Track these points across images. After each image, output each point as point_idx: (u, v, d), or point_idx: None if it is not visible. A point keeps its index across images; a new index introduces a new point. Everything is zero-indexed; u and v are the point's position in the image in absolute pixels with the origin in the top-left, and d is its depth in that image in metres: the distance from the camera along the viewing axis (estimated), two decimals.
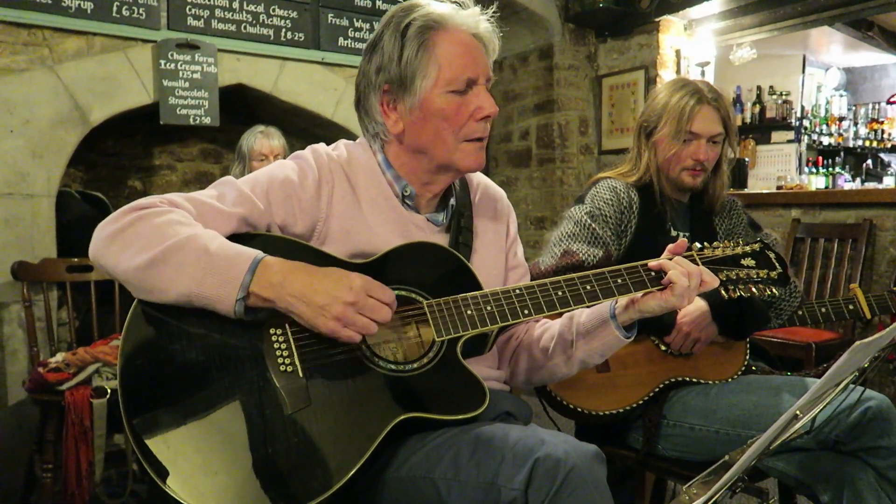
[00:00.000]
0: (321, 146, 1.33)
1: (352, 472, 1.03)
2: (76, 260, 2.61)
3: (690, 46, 4.35)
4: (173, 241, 1.08)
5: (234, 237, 1.18)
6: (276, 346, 1.11)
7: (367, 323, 1.08)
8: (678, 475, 1.64)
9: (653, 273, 1.24)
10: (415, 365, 1.15)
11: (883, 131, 7.10)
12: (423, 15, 1.22)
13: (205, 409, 1.05)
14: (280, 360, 1.10)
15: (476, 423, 1.13)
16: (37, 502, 2.27)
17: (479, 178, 1.46)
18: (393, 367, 1.14)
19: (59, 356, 2.30)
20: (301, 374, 1.10)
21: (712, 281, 1.24)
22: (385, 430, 1.07)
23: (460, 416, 1.12)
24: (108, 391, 2.17)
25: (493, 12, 1.29)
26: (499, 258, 1.42)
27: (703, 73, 4.32)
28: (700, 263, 1.28)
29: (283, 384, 1.09)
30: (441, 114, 1.23)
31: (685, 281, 1.20)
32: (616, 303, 1.28)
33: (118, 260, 1.10)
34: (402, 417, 1.09)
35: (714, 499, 0.92)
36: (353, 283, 1.08)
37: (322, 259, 1.20)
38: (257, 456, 1.03)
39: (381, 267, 1.21)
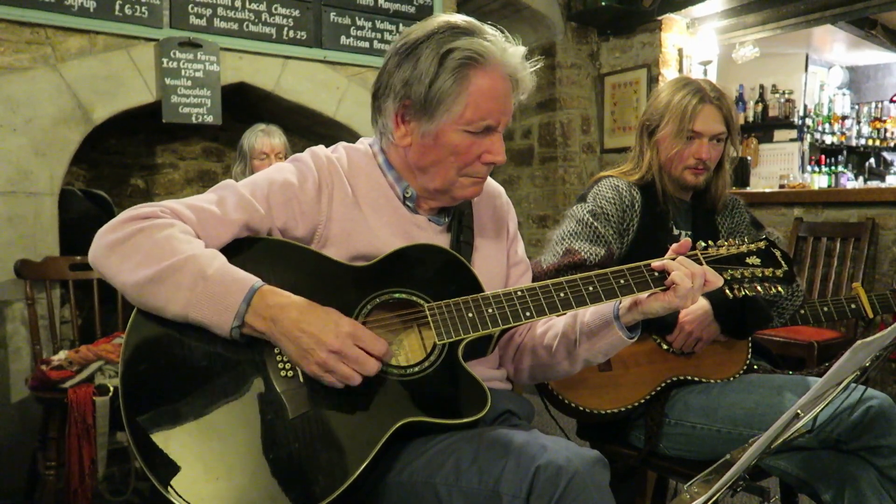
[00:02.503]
0: (320, 148, 1.32)
1: (354, 477, 1.03)
2: (79, 258, 2.61)
3: (693, 45, 4.35)
4: (172, 262, 1.08)
5: (236, 242, 1.19)
6: (276, 350, 1.11)
7: (348, 373, 1.06)
8: (680, 474, 1.65)
9: (656, 273, 1.23)
10: (416, 368, 1.15)
11: (886, 130, 7.09)
12: (468, 46, 1.18)
13: (206, 414, 1.05)
14: (280, 365, 1.11)
15: (478, 429, 1.13)
16: (40, 500, 2.28)
17: None
18: (394, 370, 1.14)
19: (62, 354, 2.31)
20: (302, 379, 1.10)
21: (716, 280, 1.23)
22: (386, 435, 1.07)
23: (462, 420, 1.11)
24: (111, 389, 2.17)
25: (536, 62, 1.26)
26: (500, 256, 1.42)
27: (705, 72, 4.31)
28: (704, 263, 1.27)
29: (284, 389, 1.09)
30: (452, 149, 1.22)
31: (688, 282, 1.19)
32: (620, 303, 1.27)
33: (117, 271, 1.11)
34: (404, 421, 1.09)
35: (715, 497, 0.92)
36: (340, 329, 1.06)
37: (322, 263, 1.20)
38: (259, 461, 1.03)
39: (382, 269, 1.21)
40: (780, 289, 1.31)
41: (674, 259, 1.24)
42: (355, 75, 3.46)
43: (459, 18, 1.23)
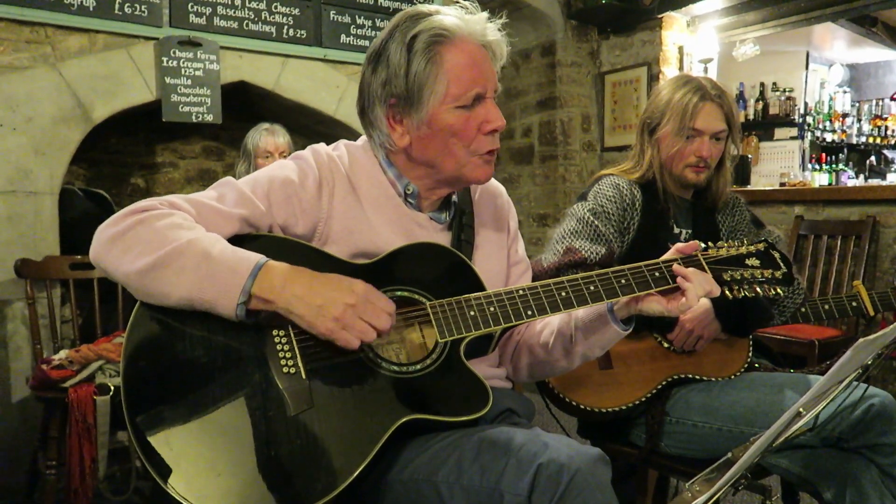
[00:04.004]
0: (321, 146, 1.32)
1: (355, 475, 1.03)
2: (79, 257, 2.61)
3: (693, 43, 4.34)
4: (174, 246, 1.07)
5: (236, 238, 1.18)
6: (278, 347, 1.11)
7: (365, 328, 1.07)
8: (681, 472, 1.64)
9: (657, 273, 1.23)
10: (418, 366, 1.15)
11: (886, 128, 7.08)
12: (431, 26, 1.19)
13: (207, 411, 1.05)
14: (283, 362, 1.10)
15: (479, 427, 1.13)
16: (40, 499, 2.28)
17: None
18: (396, 368, 1.14)
19: (63, 353, 2.30)
20: (304, 376, 1.10)
21: (715, 290, 1.24)
22: (388, 432, 1.07)
23: (463, 418, 1.11)
24: (112, 388, 2.17)
25: (500, 17, 1.27)
26: (501, 255, 1.42)
27: (705, 70, 4.31)
28: (705, 265, 1.27)
29: (286, 386, 1.09)
30: (450, 130, 1.21)
31: (695, 301, 1.20)
32: None
33: (119, 263, 1.10)
34: (406, 419, 1.09)
35: (717, 496, 0.92)
36: (354, 286, 1.09)
37: (323, 260, 1.20)
38: (260, 458, 1.03)
39: (384, 268, 1.21)
40: (779, 290, 1.31)
41: (676, 259, 1.25)
42: (355, 74, 3.46)
43: (417, 7, 1.25)
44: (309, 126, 3.78)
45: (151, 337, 1.11)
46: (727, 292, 1.28)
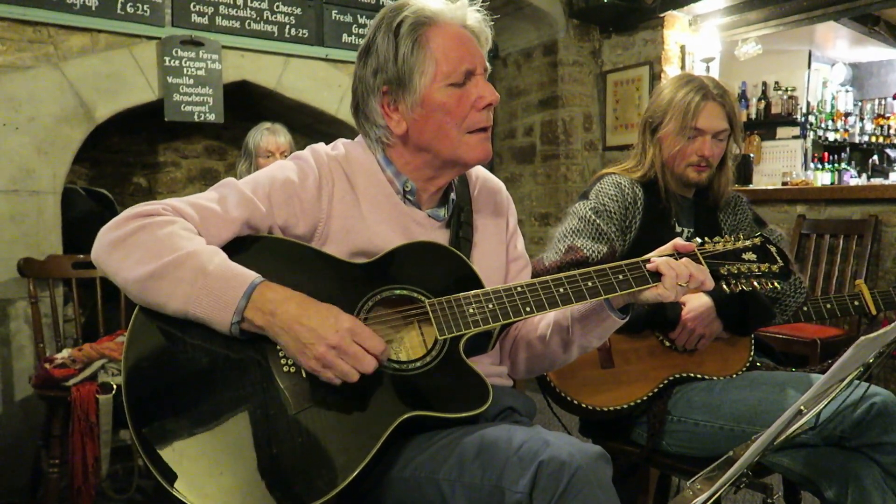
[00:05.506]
0: (320, 146, 1.33)
1: (356, 472, 1.03)
2: (82, 256, 2.62)
3: (695, 42, 4.34)
4: (173, 257, 1.08)
5: (237, 241, 1.19)
6: (278, 346, 1.11)
7: (347, 370, 1.06)
8: (682, 471, 1.64)
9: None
10: (418, 363, 1.15)
11: (889, 127, 7.07)
12: (414, 12, 1.23)
13: (209, 410, 1.06)
14: (283, 361, 1.11)
15: (481, 424, 1.14)
16: (43, 497, 2.28)
17: (478, 171, 1.46)
18: (396, 365, 1.14)
19: (65, 352, 2.31)
20: (304, 375, 1.10)
21: (709, 283, 1.24)
22: (389, 429, 1.07)
23: (464, 414, 1.12)
24: (114, 387, 2.18)
25: (483, 2, 1.30)
26: (499, 251, 1.42)
27: (707, 69, 4.30)
28: (701, 258, 1.28)
29: (287, 384, 1.09)
30: (443, 108, 1.23)
31: (672, 272, 1.21)
32: None
33: (119, 268, 1.11)
34: (406, 416, 1.09)
35: (718, 494, 0.92)
36: (340, 325, 1.06)
37: (322, 261, 1.21)
38: (262, 456, 1.03)
39: (383, 266, 1.21)
40: (776, 284, 1.32)
41: (672, 255, 1.26)
42: None
43: (399, 0, 1.27)
44: (310, 125, 3.79)
45: (152, 338, 1.11)
46: (724, 286, 1.29)
